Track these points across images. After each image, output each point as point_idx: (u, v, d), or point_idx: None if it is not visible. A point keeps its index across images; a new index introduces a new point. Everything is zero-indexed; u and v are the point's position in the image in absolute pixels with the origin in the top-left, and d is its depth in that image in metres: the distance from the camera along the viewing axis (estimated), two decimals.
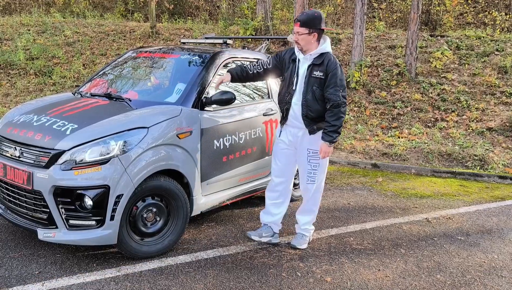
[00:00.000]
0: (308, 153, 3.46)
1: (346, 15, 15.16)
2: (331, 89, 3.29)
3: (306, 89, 3.34)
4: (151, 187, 3.23)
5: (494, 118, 8.37)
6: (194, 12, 16.39)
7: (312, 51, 3.35)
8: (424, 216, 4.64)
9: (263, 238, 3.63)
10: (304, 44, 3.33)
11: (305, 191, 3.63)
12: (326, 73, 3.30)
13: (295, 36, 3.35)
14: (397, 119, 8.74)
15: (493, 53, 10.48)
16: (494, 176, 6.38)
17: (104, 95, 3.88)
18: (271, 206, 3.71)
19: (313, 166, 3.49)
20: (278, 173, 3.64)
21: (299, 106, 3.37)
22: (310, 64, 3.35)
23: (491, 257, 3.73)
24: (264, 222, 3.74)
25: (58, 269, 3.13)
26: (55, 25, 13.46)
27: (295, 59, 3.44)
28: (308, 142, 3.45)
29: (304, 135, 3.46)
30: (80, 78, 10.61)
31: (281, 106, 3.54)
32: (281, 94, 3.53)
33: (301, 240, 3.67)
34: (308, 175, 3.52)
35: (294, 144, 3.53)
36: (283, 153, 3.59)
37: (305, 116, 3.37)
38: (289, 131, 3.52)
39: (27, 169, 3.07)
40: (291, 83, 3.42)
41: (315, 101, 3.33)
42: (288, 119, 3.47)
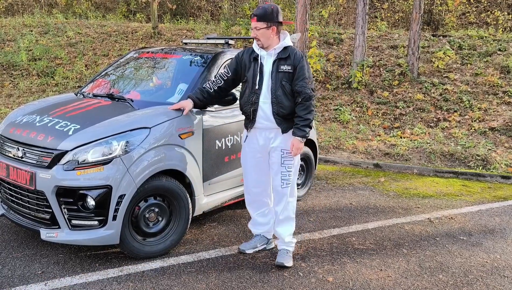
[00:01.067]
0: (282, 154, 3.26)
1: (348, 15, 15.15)
2: (300, 82, 3.14)
3: (275, 85, 3.16)
4: (153, 187, 3.23)
5: (497, 118, 8.35)
6: (196, 13, 16.40)
7: (275, 46, 3.19)
8: (426, 216, 4.63)
9: (257, 248, 3.52)
10: (264, 39, 3.16)
11: (282, 197, 3.35)
12: (294, 66, 3.15)
13: (253, 32, 3.18)
14: (399, 119, 8.73)
15: (495, 53, 10.46)
16: (496, 176, 6.37)
17: (107, 96, 3.89)
18: (258, 217, 3.54)
19: (287, 168, 3.28)
20: (254, 184, 3.43)
21: (269, 104, 3.18)
22: (275, 59, 3.19)
23: (493, 257, 3.72)
24: (256, 233, 3.58)
25: (60, 269, 3.14)
26: (58, 26, 13.50)
27: (256, 57, 3.24)
28: (281, 143, 3.25)
29: (276, 135, 3.26)
30: (83, 78, 10.64)
31: (246, 108, 3.28)
32: (245, 95, 3.28)
33: (287, 257, 3.36)
34: (283, 178, 3.29)
35: (265, 148, 3.31)
36: (257, 160, 3.36)
37: (276, 114, 3.18)
38: (259, 134, 3.29)
39: (30, 169, 3.08)
40: (254, 82, 3.21)
41: (285, 96, 3.16)
42: (257, 121, 3.24)
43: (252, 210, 3.55)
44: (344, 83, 9.96)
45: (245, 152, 3.42)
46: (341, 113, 8.84)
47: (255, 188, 3.45)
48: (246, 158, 3.41)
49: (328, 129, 8.20)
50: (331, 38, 11.86)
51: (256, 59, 3.24)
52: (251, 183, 3.45)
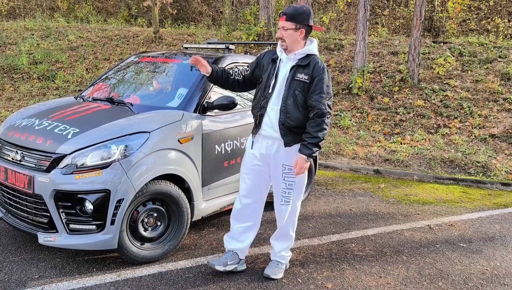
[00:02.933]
0: (283, 169, 3.02)
1: (348, 21, 15.19)
2: (316, 96, 2.88)
3: (287, 93, 2.92)
4: (152, 191, 3.22)
5: (497, 125, 8.34)
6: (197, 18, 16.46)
7: (297, 51, 2.96)
8: (426, 223, 4.61)
9: (228, 267, 3.19)
10: (290, 41, 2.93)
11: (279, 213, 3.18)
12: (311, 77, 2.90)
13: (279, 32, 2.94)
14: (400, 125, 8.73)
15: (496, 60, 10.47)
16: (497, 183, 6.35)
17: (106, 100, 3.88)
18: (238, 231, 3.23)
19: (288, 185, 3.05)
20: (246, 193, 3.16)
21: (277, 111, 2.94)
22: (294, 65, 2.94)
23: (493, 264, 3.70)
24: (229, 248, 3.25)
25: (58, 273, 3.12)
26: (59, 29, 13.53)
27: (275, 59, 3.03)
28: (283, 157, 3.01)
29: (279, 148, 3.01)
30: (83, 82, 10.65)
31: (254, 111, 3.08)
32: (256, 98, 3.09)
33: (276, 269, 3.21)
34: (283, 195, 3.08)
35: (266, 159, 3.08)
36: (254, 169, 3.12)
37: (282, 124, 2.93)
38: (262, 142, 3.06)
39: (28, 173, 3.07)
40: (267, 85, 2.99)
41: (295, 107, 2.91)
42: (262, 127, 3.02)
43: (235, 221, 3.25)
44: (344, 89, 9.96)
45: (248, 158, 3.18)
46: (341, 119, 8.83)
47: (245, 198, 3.18)
48: (246, 164, 3.18)
49: (328, 135, 8.19)
50: (332, 44, 11.88)
51: (275, 61, 3.03)
52: (243, 192, 3.19)
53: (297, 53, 2.96)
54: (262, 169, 3.13)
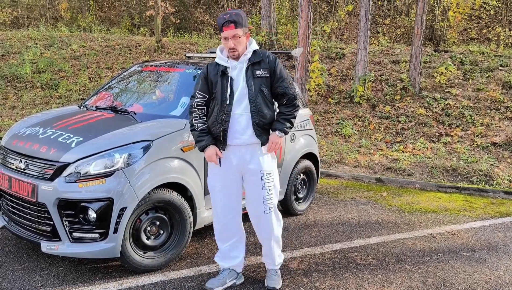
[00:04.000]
0: (262, 175, 2.96)
1: (350, 30, 15.27)
2: (282, 83, 2.94)
3: (254, 92, 2.87)
4: (155, 200, 3.23)
5: (499, 133, 8.34)
6: (199, 27, 16.56)
7: (244, 52, 2.91)
8: (429, 232, 4.60)
9: (226, 284, 3.13)
10: (241, 47, 2.87)
11: (266, 225, 3.05)
12: (270, 70, 2.91)
13: (230, 42, 2.83)
14: (401, 133, 8.74)
15: (497, 69, 10.50)
16: (499, 192, 6.34)
17: (110, 108, 3.91)
18: (227, 249, 3.16)
19: (268, 191, 2.99)
20: (223, 212, 3.06)
21: (247, 114, 2.88)
22: (248, 65, 2.90)
23: (497, 273, 3.68)
24: (224, 267, 3.19)
25: (60, 282, 3.12)
26: (62, 39, 13.64)
27: (224, 70, 2.91)
28: (259, 163, 2.96)
29: (253, 155, 2.95)
30: (86, 91, 10.71)
31: (214, 128, 2.92)
32: (213, 114, 2.92)
33: (276, 277, 3.18)
34: (266, 203, 2.98)
35: (239, 169, 2.98)
36: (226, 185, 3.02)
37: (256, 124, 2.89)
38: (233, 153, 2.96)
39: (32, 182, 3.09)
40: (224, 98, 2.88)
41: (265, 103, 2.91)
42: (230, 137, 2.91)
43: (221, 242, 3.16)
44: (346, 98, 9.99)
45: (214, 175, 3.05)
46: (343, 127, 8.85)
47: (225, 217, 3.07)
48: (214, 182, 3.05)
49: (330, 143, 8.20)
50: (333, 52, 11.94)
51: (224, 73, 2.91)
52: (220, 211, 3.07)
53: (246, 53, 2.91)
54: (234, 182, 3.03)
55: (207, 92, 2.99)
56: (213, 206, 3.12)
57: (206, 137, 2.95)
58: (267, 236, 3.11)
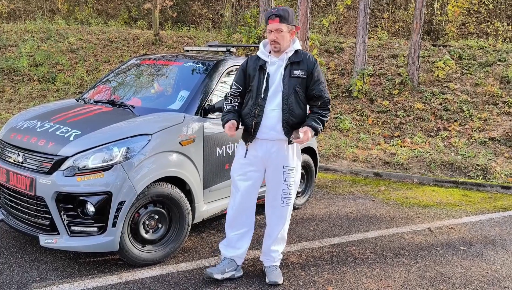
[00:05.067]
0: (284, 170, 3.07)
1: (348, 24, 15.23)
2: (319, 86, 3.00)
3: (288, 91, 2.95)
4: (154, 194, 3.22)
5: (497, 128, 8.36)
6: (197, 20, 16.49)
7: (287, 49, 3.00)
8: (427, 226, 4.62)
9: (226, 274, 3.16)
10: (284, 43, 2.95)
11: (280, 217, 3.16)
12: (307, 72, 2.98)
13: (273, 35, 2.92)
14: (399, 128, 8.74)
15: (495, 63, 10.50)
16: (496, 186, 6.36)
17: (108, 102, 3.89)
18: (235, 238, 3.21)
19: (289, 185, 3.09)
20: (240, 200, 3.13)
21: (278, 112, 2.96)
22: (287, 64, 2.98)
23: (494, 267, 3.71)
24: (226, 256, 3.23)
25: (59, 275, 3.12)
26: (59, 32, 13.55)
27: (262, 65, 3.01)
28: (283, 159, 3.05)
29: (279, 150, 3.04)
30: (83, 84, 10.66)
31: (247, 120, 3.03)
32: (247, 106, 3.05)
33: (277, 273, 3.21)
34: (284, 196, 3.10)
35: (264, 162, 3.08)
36: (247, 176, 3.10)
37: (286, 122, 2.96)
38: (260, 146, 3.05)
39: (30, 175, 3.08)
40: (259, 92, 2.97)
41: (297, 104, 2.98)
42: (260, 131, 3.00)
43: (230, 229, 3.22)
44: (344, 92, 9.98)
45: (239, 165, 3.14)
46: (341, 122, 8.85)
47: (240, 205, 3.15)
48: (236, 172, 3.15)
49: (328, 138, 8.20)
50: (332, 46, 11.91)
51: (262, 68, 3.01)
52: (237, 199, 3.15)
53: (288, 51, 3.00)
54: (256, 174, 3.12)
55: (242, 84, 3.10)
56: (232, 193, 3.22)
57: (228, 115, 3.07)
58: (277, 227, 3.21)
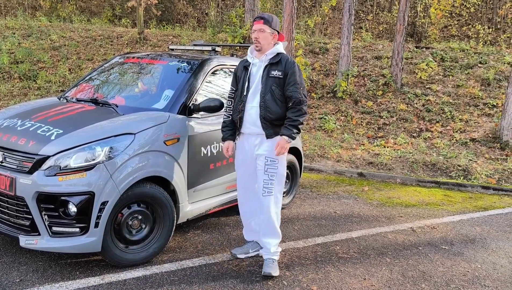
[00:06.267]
0: (266, 161, 3.28)
1: (333, 25, 15.33)
2: (291, 87, 3.21)
3: (265, 89, 3.22)
4: (137, 194, 3.19)
5: (478, 129, 8.52)
6: (182, 19, 16.39)
7: (268, 51, 3.27)
8: (409, 225, 4.68)
9: (250, 254, 3.55)
10: (264, 42, 3.24)
11: (263, 206, 3.33)
12: (284, 73, 3.22)
13: (256, 34, 3.24)
14: (383, 128, 8.83)
15: (476, 66, 10.70)
16: (477, 186, 6.47)
17: (91, 101, 3.84)
18: (252, 223, 3.56)
19: (270, 176, 3.29)
20: (245, 192, 3.50)
21: (257, 108, 3.24)
22: (267, 64, 3.25)
23: (474, 266, 3.77)
24: (249, 239, 3.62)
25: (39, 277, 3.06)
26: (41, 29, 13.32)
27: (247, 66, 3.35)
28: (265, 150, 3.28)
29: (261, 142, 3.30)
30: (66, 83, 10.49)
31: (234, 116, 3.37)
32: (234, 104, 3.41)
33: (273, 266, 3.33)
34: (265, 186, 3.29)
35: (251, 154, 3.36)
36: (245, 168, 3.43)
37: (263, 118, 3.22)
38: (246, 140, 3.37)
39: (10, 175, 3.01)
40: (242, 90, 3.31)
41: (273, 101, 3.21)
42: (244, 126, 3.31)
43: (245, 218, 3.58)
44: (329, 92, 10.05)
45: (237, 159, 3.50)
46: (326, 122, 8.90)
47: (244, 195, 3.51)
48: (237, 165, 3.51)
49: (313, 138, 8.24)
50: (317, 47, 11.97)
51: (247, 68, 3.34)
52: (241, 191, 3.52)
53: (268, 53, 3.28)
54: (251, 166, 3.39)
55: (235, 86, 3.45)
56: (238, 186, 3.56)
57: (225, 131, 3.44)
58: (261, 217, 3.38)
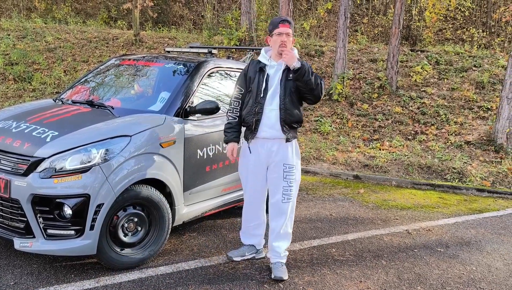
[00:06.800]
0: (284, 168, 3.27)
1: (329, 28, 15.38)
2: None
3: (284, 92, 3.21)
4: (133, 196, 3.18)
5: (472, 132, 8.56)
6: (178, 21, 16.39)
7: None
8: (405, 228, 4.69)
9: (246, 256, 3.53)
10: (289, 47, 3.23)
11: (281, 212, 3.33)
12: None
13: (283, 37, 3.19)
14: (378, 131, 8.86)
15: (471, 69, 10.76)
16: (472, 189, 6.51)
17: (86, 102, 3.82)
18: (251, 227, 3.54)
19: (289, 183, 3.29)
20: (253, 196, 3.45)
21: (277, 111, 3.21)
22: (285, 68, 3.23)
23: (469, 269, 3.78)
24: (246, 243, 3.60)
25: (34, 280, 3.04)
26: (36, 30, 13.27)
27: (262, 67, 3.29)
28: (283, 156, 3.26)
29: (279, 149, 3.26)
30: (61, 84, 10.45)
31: (248, 118, 3.27)
32: (248, 106, 3.30)
33: (282, 269, 3.34)
34: (285, 193, 3.29)
35: (265, 160, 3.30)
36: (255, 173, 3.36)
37: (283, 121, 3.21)
38: (261, 145, 3.28)
39: (5, 177, 2.99)
40: (259, 92, 3.24)
41: (293, 104, 3.22)
42: (260, 130, 3.24)
43: (246, 221, 3.56)
44: (325, 95, 10.06)
45: (246, 164, 3.39)
46: (321, 125, 8.92)
47: (251, 200, 3.46)
48: (247, 170, 3.39)
49: (308, 140, 8.25)
50: (313, 50, 12.00)
51: (262, 70, 3.29)
52: (248, 195, 3.46)
53: None
54: (262, 171, 3.35)
55: (244, 87, 3.37)
56: (243, 190, 3.54)
57: (231, 133, 3.37)
58: (278, 223, 3.37)
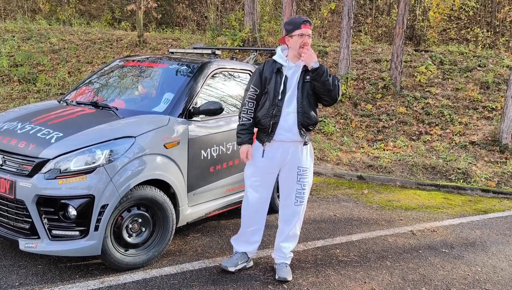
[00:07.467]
0: (299, 171, 3.25)
1: (332, 28, 15.36)
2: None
3: (302, 95, 3.15)
4: (137, 197, 3.18)
5: (477, 132, 8.52)
6: (181, 22, 16.42)
7: None
8: (409, 229, 4.67)
9: (238, 266, 3.37)
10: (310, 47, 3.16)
11: (293, 215, 3.32)
12: None
13: (306, 39, 3.12)
14: (382, 131, 8.84)
15: (475, 69, 10.72)
16: (477, 189, 6.48)
17: (90, 104, 3.83)
18: (248, 233, 3.40)
19: (302, 185, 3.28)
20: (258, 201, 3.32)
21: (295, 114, 3.14)
22: (303, 70, 3.18)
23: (475, 269, 3.77)
24: (239, 251, 3.42)
25: (39, 280, 3.05)
26: (41, 32, 13.33)
27: (280, 68, 3.19)
28: (298, 160, 3.23)
29: (295, 151, 3.22)
30: (65, 86, 10.50)
31: (264, 121, 3.17)
32: (264, 108, 3.19)
33: (286, 270, 3.33)
34: (298, 196, 3.28)
35: (279, 162, 3.23)
36: (266, 177, 3.28)
37: (301, 124, 3.15)
38: (277, 148, 3.20)
39: (10, 178, 3.01)
40: (276, 94, 3.14)
41: (310, 106, 3.17)
42: (277, 133, 3.16)
43: (245, 225, 3.40)
44: None
45: (254, 168, 3.28)
46: (325, 125, 8.90)
47: (256, 205, 3.32)
48: (253, 172, 3.30)
49: (312, 141, 8.23)
50: (316, 50, 11.99)
51: (280, 71, 3.19)
52: (252, 199, 3.32)
53: None
54: (272, 176, 3.31)
55: (259, 87, 3.25)
56: (246, 192, 3.38)
57: (245, 135, 3.23)
58: (289, 225, 3.35)
